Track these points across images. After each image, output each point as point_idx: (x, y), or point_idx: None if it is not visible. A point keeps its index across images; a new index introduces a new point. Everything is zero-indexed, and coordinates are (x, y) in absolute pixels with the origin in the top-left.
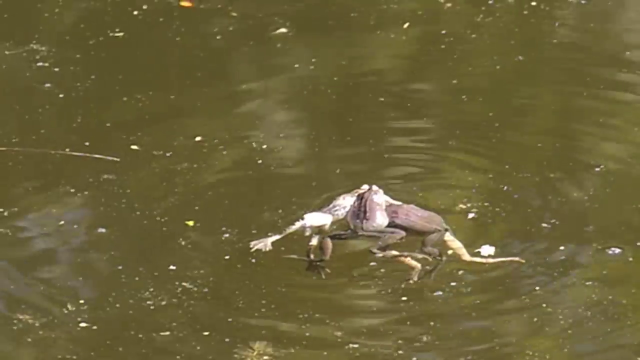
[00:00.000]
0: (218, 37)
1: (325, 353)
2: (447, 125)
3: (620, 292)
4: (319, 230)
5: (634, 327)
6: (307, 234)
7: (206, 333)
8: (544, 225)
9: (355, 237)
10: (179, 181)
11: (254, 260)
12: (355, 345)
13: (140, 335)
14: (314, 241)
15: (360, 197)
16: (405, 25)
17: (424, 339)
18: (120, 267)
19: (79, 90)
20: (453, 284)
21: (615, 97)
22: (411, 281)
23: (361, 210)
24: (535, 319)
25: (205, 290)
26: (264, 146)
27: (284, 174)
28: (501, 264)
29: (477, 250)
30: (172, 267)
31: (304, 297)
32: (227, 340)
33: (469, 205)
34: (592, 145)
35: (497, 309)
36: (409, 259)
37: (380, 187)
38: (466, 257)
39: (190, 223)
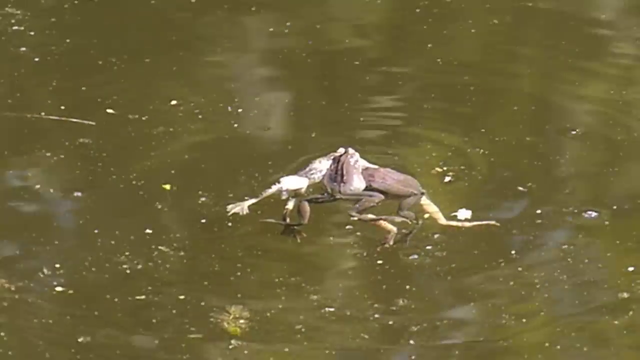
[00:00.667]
0: (193, 1)
1: (301, 317)
2: (423, 89)
3: (595, 255)
4: (295, 193)
5: (609, 290)
6: (284, 197)
7: (182, 297)
8: (520, 188)
9: (333, 200)
10: (155, 145)
11: (230, 224)
12: (331, 309)
13: (116, 300)
14: (290, 205)
15: (337, 161)
16: None
17: (400, 302)
18: (96, 231)
19: (54, 54)
20: (428, 247)
21: (591, 63)
22: (387, 245)
23: (338, 173)
24: (512, 283)
25: (181, 254)
26: (239, 110)
27: (259, 137)
28: (477, 227)
29: (453, 214)
30: (148, 231)
31: (279, 261)
32: (202, 304)
33: (445, 169)
34: (568, 109)
35: (473, 272)
36: (385, 222)
37: (356, 150)
38: (442, 220)
39: (167, 187)
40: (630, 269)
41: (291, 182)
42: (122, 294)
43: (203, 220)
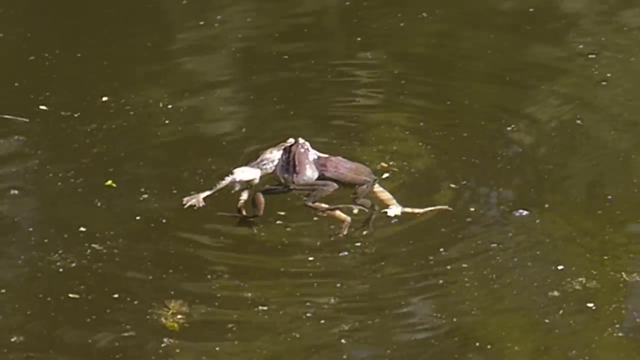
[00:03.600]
0: None
1: (235, 316)
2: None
3: (525, 254)
4: (248, 184)
5: (539, 288)
6: (237, 188)
7: (116, 295)
8: (452, 185)
9: (287, 191)
10: (90, 142)
11: (164, 221)
12: (264, 308)
13: (49, 299)
14: (244, 196)
15: (288, 151)
16: None
17: (331, 300)
18: (30, 229)
19: None
20: (358, 244)
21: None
22: (341, 235)
23: (290, 164)
24: (440, 281)
25: (115, 251)
26: (170, 106)
27: (194, 133)
28: (430, 212)
29: (383, 211)
30: (82, 229)
31: (211, 258)
32: (135, 302)
33: (391, 163)
34: (516, 105)
35: (402, 270)
36: (340, 212)
37: (305, 139)
38: (398, 207)
39: (111, 183)
40: (560, 267)
41: (244, 174)
42: (55, 293)
43: (137, 217)
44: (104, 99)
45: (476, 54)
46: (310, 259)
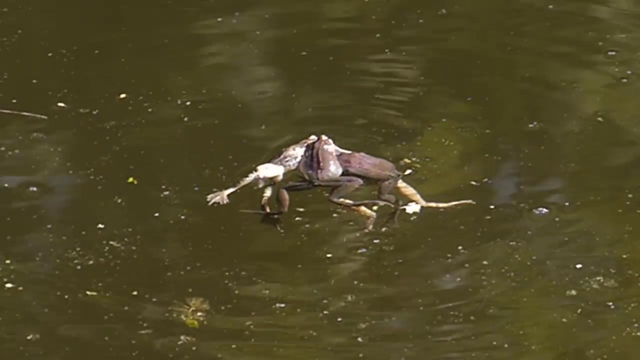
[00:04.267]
0: None
1: (252, 313)
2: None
3: (544, 252)
4: (271, 181)
5: (557, 287)
6: (260, 185)
7: (134, 293)
8: (473, 183)
9: (312, 187)
10: (109, 140)
11: (182, 217)
12: (282, 305)
13: (67, 296)
14: (268, 193)
15: (311, 147)
16: None
17: (349, 298)
18: (49, 226)
19: (5, 45)
20: (376, 241)
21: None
22: (366, 230)
23: (314, 160)
24: (458, 279)
25: (133, 248)
26: (188, 103)
27: (212, 130)
28: (455, 207)
29: (402, 207)
30: (100, 226)
31: (230, 255)
32: (154, 299)
33: (413, 159)
34: (534, 101)
35: (420, 268)
36: (364, 207)
37: (328, 136)
38: (422, 202)
39: (131, 180)
40: (579, 266)
41: (267, 170)
42: (72, 290)
43: (157, 215)
44: (122, 96)
45: (501, 51)
46: (329, 256)
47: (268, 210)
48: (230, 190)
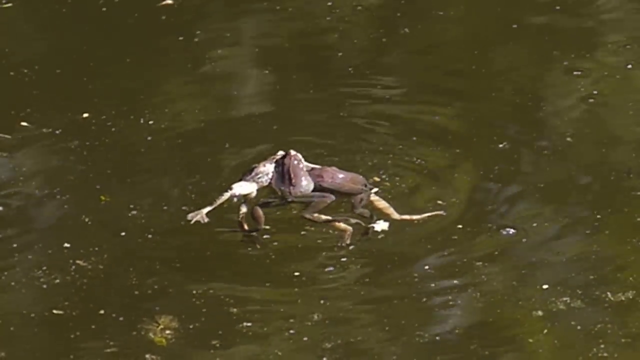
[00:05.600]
0: (104, 9)
1: (220, 332)
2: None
3: (510, 272)
4: (244, 199)
5: (523, 307)
6: (236, 201)
7: (101, 311)
8: (439, 202)
9: (285, 204)
10: (74, 159)
11: (150, 236)
12: (249, 324)
13: (33, 315)
14: (243, 210)
15: (281, 163)
16: None
17: (315, 317)
18: (14, 245)
19: None
20: (344, 259)
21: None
22: (344, 244)
23: (285, 176)
24: (424, 299)
25: (100, 267)
26: (151, 122)
27: (176, 148)
28: (427, 218)
29: (370, 225)
30: (66, 245)
31: (198, 274)
32: (121, 318)
33: (383, 177)
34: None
35: (385, 287)
36: (340, 222)
37: (297, 151)
38: (395, 215)
39: (104, 198)
40: (545, 286)
41: (242, 188)
42: (39, 309)
43: (123, 234)
44: (85, 115)
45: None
46: (296, 274)
47: (246, 227)
48: (208, 208)
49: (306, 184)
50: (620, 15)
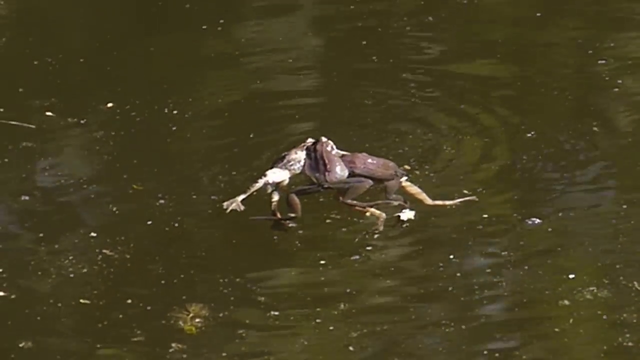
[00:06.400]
0: None
1: (247, 321)
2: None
3: (536, 262)
4: (278, 186)
5: (550, 297)
6: (269, 190)
7: (128, 301)
8: (465, 192)
9: (321, 190)
10: (100, 149)
11: (176, 225)
12: (276, 313)
13: (60, 304)
14: (276, 197)
15: (313, 150)
16: None
17: (341, 306)
18: (41, 235)
19: None
20: (369, 247)
21: None
22: (377, 230)
23: (319, 163)
24: (450, 288)
25: (127, 256)
26: (175, 112)
27: (201, 138)
28: (460, 204)
29: (396, 214)
30: (93, 234)
31: (224, 263)
32: (148, 307)
33: (414, 165)
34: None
35: (410, 277)
36: (374, 208)
37: (327, 138)
38: (428, 201)
39: (136, 186)
40: (571, 276)
41: (275, 175)
42: (66, 299)
43: (149, 222)
44: (109, 105)
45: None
46: (322, 262)
47: (279, 215)
48: (243, 196)
49: (341, 170)
50: None
